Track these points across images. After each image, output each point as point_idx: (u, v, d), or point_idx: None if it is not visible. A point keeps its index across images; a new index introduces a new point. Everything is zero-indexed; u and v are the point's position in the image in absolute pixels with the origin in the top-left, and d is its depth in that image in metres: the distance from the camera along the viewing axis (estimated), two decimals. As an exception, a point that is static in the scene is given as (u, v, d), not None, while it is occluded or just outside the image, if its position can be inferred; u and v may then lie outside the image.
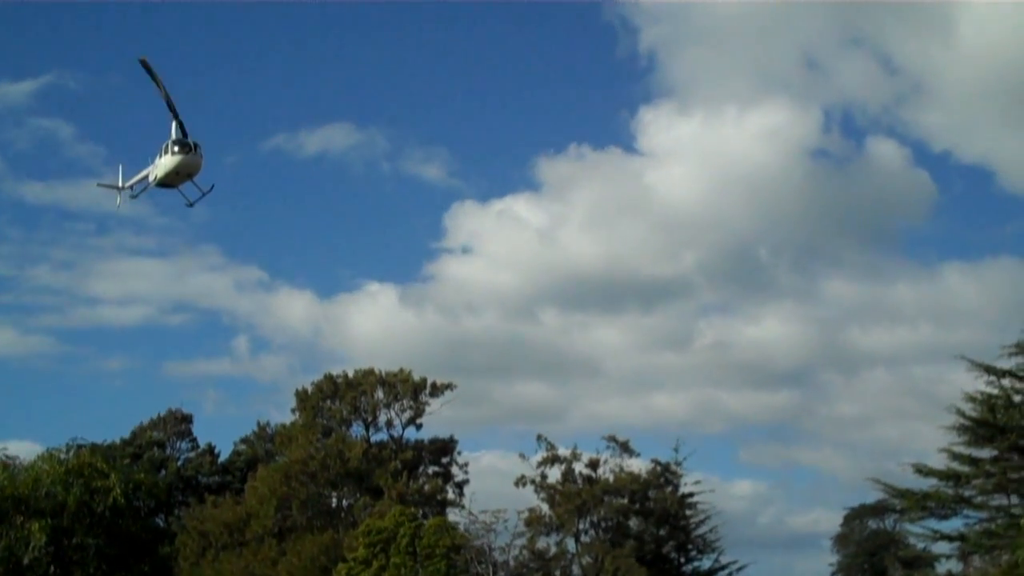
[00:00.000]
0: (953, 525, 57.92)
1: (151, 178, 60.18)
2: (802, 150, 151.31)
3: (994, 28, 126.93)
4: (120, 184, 65.28)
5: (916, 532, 64.13)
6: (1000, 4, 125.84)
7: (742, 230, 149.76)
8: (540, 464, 79.51)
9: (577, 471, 78.92)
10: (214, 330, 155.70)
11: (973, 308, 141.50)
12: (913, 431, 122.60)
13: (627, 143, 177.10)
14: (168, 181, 59.31)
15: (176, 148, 57.64)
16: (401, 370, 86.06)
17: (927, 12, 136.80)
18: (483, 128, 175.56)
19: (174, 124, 57.78)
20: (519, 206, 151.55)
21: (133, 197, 64.40)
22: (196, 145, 57.91)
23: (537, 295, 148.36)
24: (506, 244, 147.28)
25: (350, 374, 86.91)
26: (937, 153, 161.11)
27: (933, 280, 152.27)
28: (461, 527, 70.96)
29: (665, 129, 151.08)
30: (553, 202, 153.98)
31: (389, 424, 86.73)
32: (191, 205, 61.71)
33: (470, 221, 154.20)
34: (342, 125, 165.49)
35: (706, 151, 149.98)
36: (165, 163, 58.45)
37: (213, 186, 61.49)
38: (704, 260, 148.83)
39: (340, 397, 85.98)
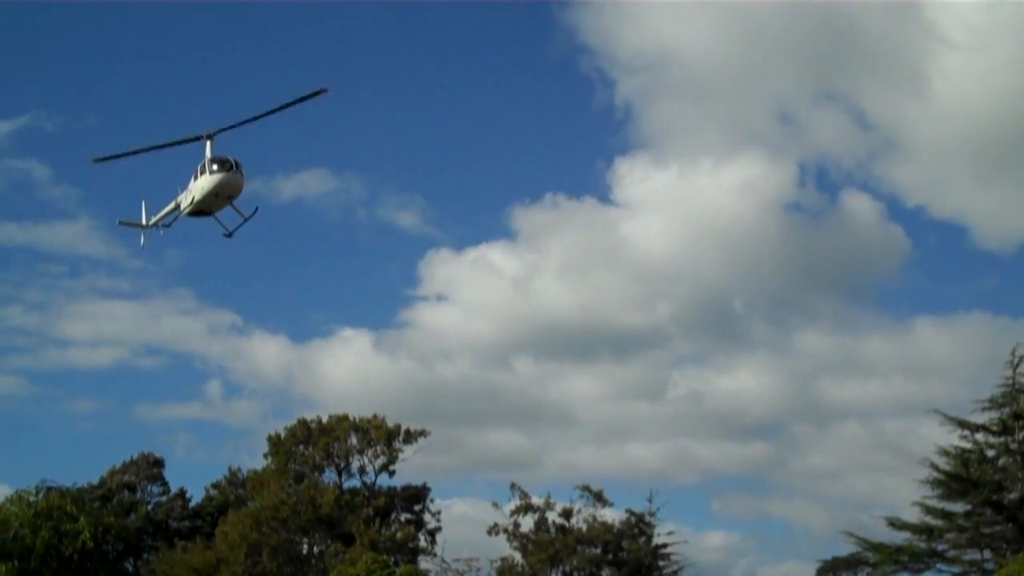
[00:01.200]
0: (926, 579, 57.89)
1: (184, 205, 54.05)
2: (777, 203, 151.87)
3: (967, 86, 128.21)
4: (144, 221, 59.39)
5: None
6: (973, 63, 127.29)
7: (716, 282, 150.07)
8: (513, 513, 79.27)
9: (550, 520, 78.68)
10: (186, 374, 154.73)
11: (945, 363, 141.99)
12: (885, 484, 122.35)
13: (603, 193, 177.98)
14: (205, 206, 52.82)
15: (215, 167, 51.19)
16: (375, 416, 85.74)
17: (901, 69, 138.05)
18: (459, 176, 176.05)
19: (208, 144, 51.69)
20: (494, 254, 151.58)
21: (166, 226, 58.21)
22: (237, 163, 51.37)
23: (511, 343, 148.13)
24: (481, 292, 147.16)
25: (324, 419, 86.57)
26: (911, 208, 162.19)
27: (906, 334, 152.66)
28: (433, 575, 70.58)
29: (641, 180, 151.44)
30: (528, 251, 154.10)
31: (362, 471, 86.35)
32: (230, 235, 54.91)
33: (445, 269, 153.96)
34: (318, 171, 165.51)
35: (681, 203, 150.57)
36: (202, 185, 51.88)
37: (257, 208, 54.83)
38: (678, 311, 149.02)
39: (313, 443, 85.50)
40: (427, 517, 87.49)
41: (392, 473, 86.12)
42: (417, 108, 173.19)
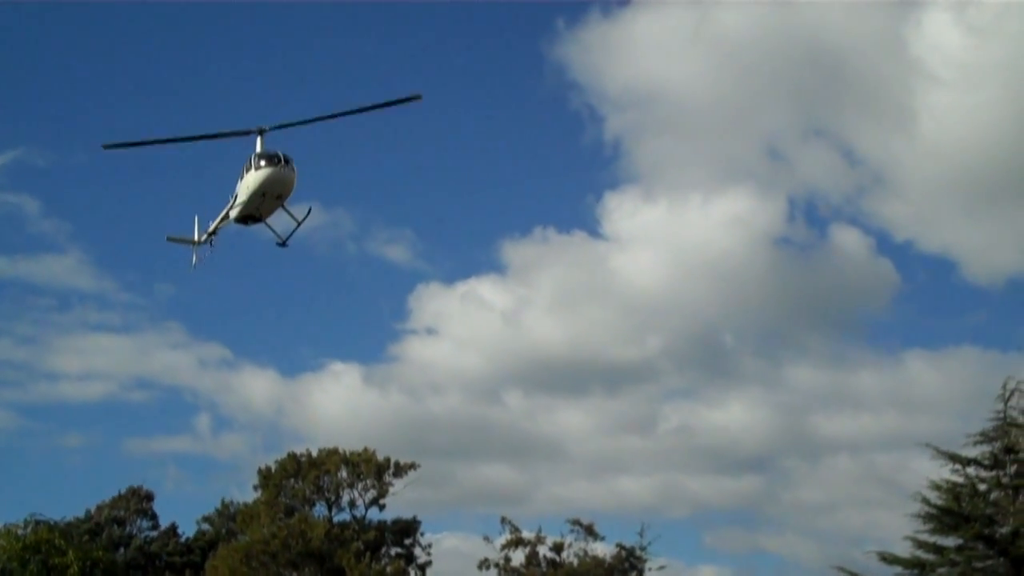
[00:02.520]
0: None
1: (232, 211, 49.22)
2: (766, 237, 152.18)
3: (954, 123, 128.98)
4: (196, 238, 54.45)
5: (881, 621, 63.71)
6: (960, 100, 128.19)
7: (707, 315, 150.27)
8: (504, 547, 79.02)
9: (541, 554, 78.46)
10: (176, 407, 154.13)
11: (936, 396, 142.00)
12: (876, 518, 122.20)
13: (592, 227, 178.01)
14: (252, 210, 47.81)
15: (262, 162, 46.23)
16: (365, 450, 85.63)
17: (888, 106, 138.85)
18: (449, 210, 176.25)
19: (258, 140, 46.94)
20: (484, 288, 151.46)
21: (212, 242, 53.44)
22: (287, 157, 46.31)
23: (501, 377, 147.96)
24: (471, 326, 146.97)
25: (314, 453, 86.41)
26: (900, 243, 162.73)
27: (896, 368, 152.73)
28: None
29: (630, 215, 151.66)
30: (518, 284, 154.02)
31: (352, 504, 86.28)
32: (284, 244, 49.92)
33: (435, 303, 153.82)
34: (307, 205, 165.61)
35: (671, 237, 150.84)
36: (248, 183, 47.02)
37: (310, 209, 50.04)
38: (669, 345, 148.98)
39: (303, 476, 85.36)
40: (417, 551, 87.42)
41: (382, 507, 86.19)
42: (407, 143, 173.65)
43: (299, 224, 48.96)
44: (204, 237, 53.56)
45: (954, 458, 55.55)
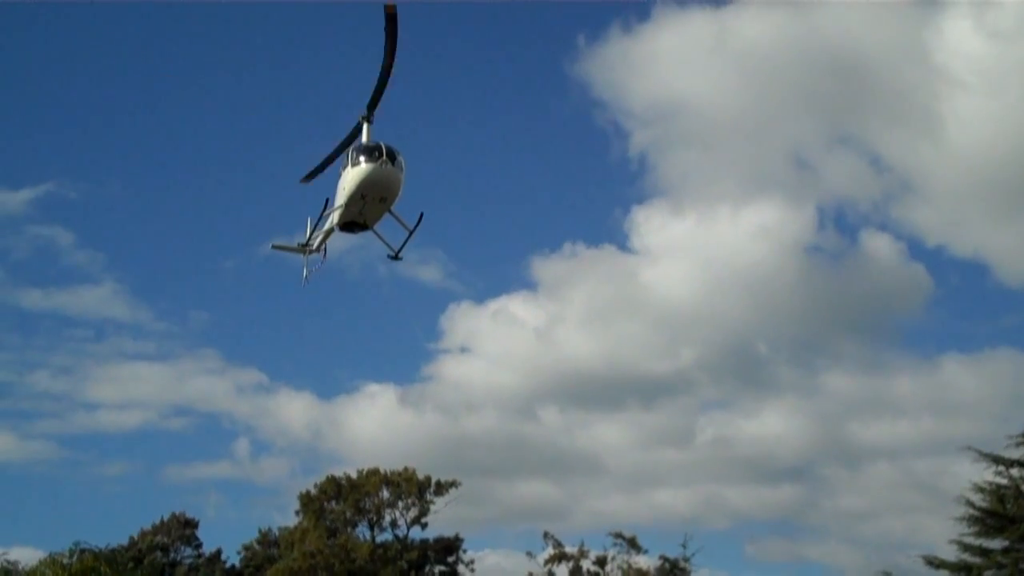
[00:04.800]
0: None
1: (334, 217, 41.48)
2: (797, 246, 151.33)
3: (980, 127, 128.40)
4: (307, 241, 45.78)
5: (929, 626, 63.34)
6: (986, 104, 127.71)
7: (740, 326, 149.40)
8: (547, 562, 79.00)
9: (584, 568, 78.36)
10: (214, 433, 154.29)
11: (973, 400, 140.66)
12: (918, 524, 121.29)
13: (621, 242, 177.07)
14: (353, 215, 40.12)
15: (361, 157, 38.59)
16: (405, 469, 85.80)
17: (913, 112, 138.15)
18: (478, 230, 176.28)
19: (365, 129, 39.72)
20: (515, 305, 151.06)
21: (323, 251, 45.26)
22: (392, 150, 38.57)
23: (536, 393, 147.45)
24: (503, 343, 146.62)
25: (353, 475, 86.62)
26: (931, 248, 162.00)
27: (933, 373, 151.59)
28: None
29: (659, 228, 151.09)
30: (549, 301, 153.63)
31: (394, 524, 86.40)
32: (396, 257, 42.41)
33: (467, 321, 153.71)
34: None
35: (701, 249, 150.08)
36: (344, 183, 39.49)
37: (422, 215, 41.65)
38: (703, 356, 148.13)
39: (344, 498, 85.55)
40: (461, 568, 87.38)
41: (424, 525, 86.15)
42: (435, 166, 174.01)
43: (411, 233, 41.42)
44: (315, 246, 45.50)
45: (997, 460, 55.27)
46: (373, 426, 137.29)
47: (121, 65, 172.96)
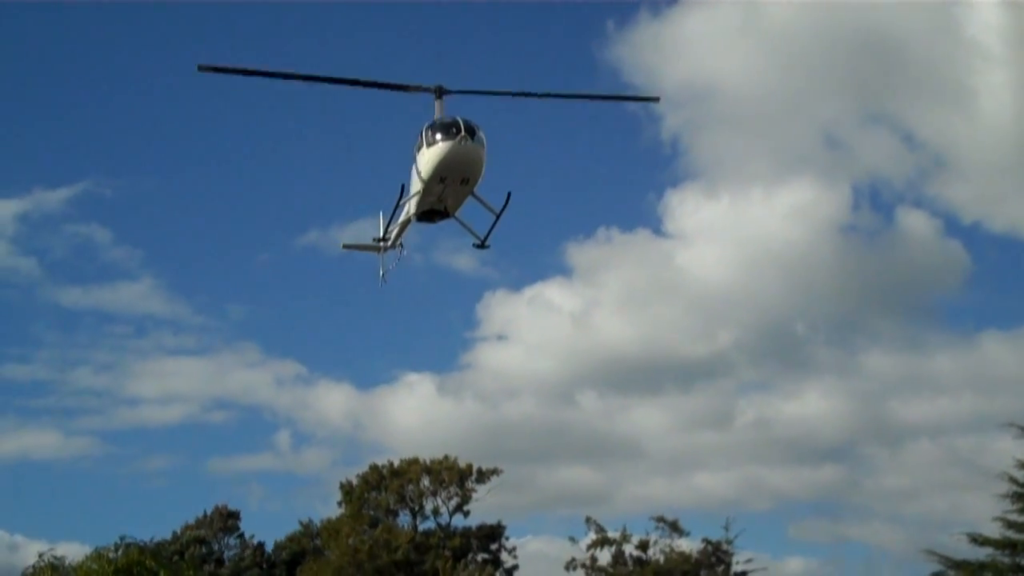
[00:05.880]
0: (1012, 595, 57.06)
1: (410, 205, 37.07)
2: (832, 225, 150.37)
3: (1015, 100, 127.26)
4: (381, 237, 41.58)
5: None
6: (1020, 78, 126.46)
7: (777, 307, 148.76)
8: (590, 547, 78.98)
9: (627, 553, 78.31)
10: (255, 426, 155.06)
11: (1013, 376, 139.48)
12: (961, 502, 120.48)
13: (655, 226, 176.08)
14: (432, 200, 35.95)
15: (438, 135, 34.01)
16: (446, 457, 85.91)
17: (945, 87, 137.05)
18: (512, 217, 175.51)
19: (437, 105, 35.23)
20: (551, 292, 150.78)
21: (400, 246, 41.40)
22: (471, 126, 34.02)
23: (575, 379, 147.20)
24: (541, 330, 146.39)
25: (395, 463, 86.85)
26: (967, 225, 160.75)
27: (973, 349, 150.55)
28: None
29: (693, 211, 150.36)
30: (585, 286, 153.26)
31: (436, 512, 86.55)
32: (483, 245, 38.51)
33: (503, 309, 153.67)
34: (373, 219, 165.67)
35: (735, 230, 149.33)
36: (421, 166, 34.73)
37: (509, 194, 37.26)
38: (740, 338, 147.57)
39: (385, 487, 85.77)
40: (504, 555, 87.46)
41: (467, 513, 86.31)
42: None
43: (499, 216, 37.37)
44: (390, 241, 41.17)
45: (1040, 435, 54.96)
46: (413, 415, 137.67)
47: (154, 61, 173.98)
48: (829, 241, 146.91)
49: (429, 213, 36.95)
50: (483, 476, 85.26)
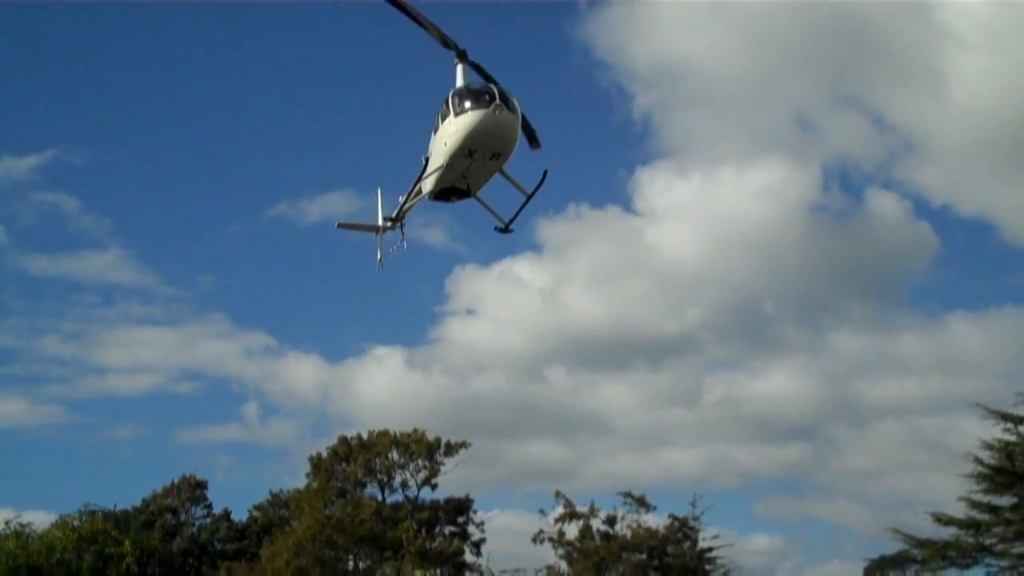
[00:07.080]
0: (975, 575, 57.55)
1: (424, 183, 34.05)
2: (802, 206, 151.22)
3: (984, 86, 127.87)
4: (380, 221, 40.08)
5: (938, 582, 63.49)
6: (989, 63, 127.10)
7: (746, 286, 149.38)
8: (557, 521, 79.19)
9: (595, 527, 78.55)
10: (223, 397, 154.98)
11: (980, 358, 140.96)
12: (925, 482, 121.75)
13: (625, 203, 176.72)
14: (454, 177, 32.61)
15: (467, 102, 30.36)
16: (415, 430, 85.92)
17: (916, 71, 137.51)
18: (483, 192, 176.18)
19: (459, 69, 31.69)
20: (520, 267, 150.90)
21: (401, 227, 38.41)
22: (505, 93, 30.30)
23: (543, 354, 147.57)
24: (510, 305, 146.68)
25: (364, 436, 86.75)
26: (936, 207, 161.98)
27: (939, 331, 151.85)
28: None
29: (663, 190, 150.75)
30: (555, 262, 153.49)
31: (404, 485, 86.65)
32: (507, 229, 35.96)
33: (473, 284, 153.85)
34: (344, 192, 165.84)
35: (705, 209, 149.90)
36: (447, 136, 31.09)
37: (546, 172, 34.41)
38: (709, 316, 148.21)
39: (354, 459, 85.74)
40: (471, 528, 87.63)
41: (435, 486, 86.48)
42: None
43: (530, 197, 34.19)
44: (395, 214, 38.11)
45: (1006, 417, 55.34)
46: (381, 388, 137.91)
47: (125, 30, 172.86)
48: (799, 221, 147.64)
49: (447, 192, 33.88)
50: (451, 449, 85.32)
